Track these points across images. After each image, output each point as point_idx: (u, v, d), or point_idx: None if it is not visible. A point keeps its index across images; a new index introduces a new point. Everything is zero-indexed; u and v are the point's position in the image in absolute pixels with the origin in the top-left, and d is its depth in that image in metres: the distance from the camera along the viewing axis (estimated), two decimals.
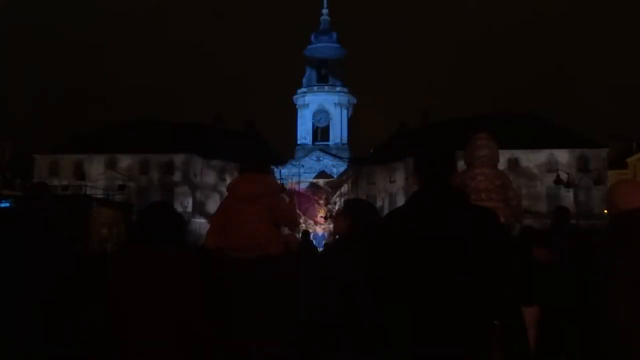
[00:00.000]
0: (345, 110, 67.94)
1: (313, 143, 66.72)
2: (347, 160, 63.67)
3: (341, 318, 3.59)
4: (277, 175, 48.31)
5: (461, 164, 3.39)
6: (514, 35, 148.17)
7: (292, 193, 5.02)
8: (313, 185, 60.23)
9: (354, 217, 3.75)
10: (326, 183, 61.16)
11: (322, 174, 63.03)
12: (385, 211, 3.70)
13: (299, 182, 57.53)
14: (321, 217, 54.26)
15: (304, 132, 67.74)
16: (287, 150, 68.18)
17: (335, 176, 61.77)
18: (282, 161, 61.45)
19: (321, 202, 55.89)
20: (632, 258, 2.87)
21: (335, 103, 67.07)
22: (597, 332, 3.05)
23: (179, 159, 58.07)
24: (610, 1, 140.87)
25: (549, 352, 5.47)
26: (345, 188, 60.05)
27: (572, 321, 5.08)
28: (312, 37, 68.79)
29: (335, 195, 59.56)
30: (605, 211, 3.52)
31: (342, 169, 62.98)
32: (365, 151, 68.05)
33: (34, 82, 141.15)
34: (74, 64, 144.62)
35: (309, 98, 67.55)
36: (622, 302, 2.85)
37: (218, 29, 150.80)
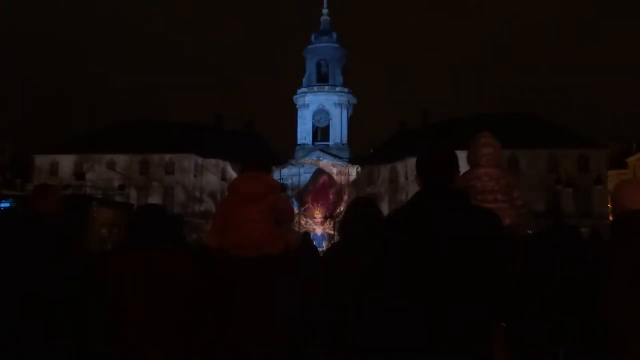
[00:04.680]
0: (345, 110, 67.82)
1: (313, 143, 66.60)
2: (347, 160, 63.62)
3: (340, 318, 3.58)
4: (277, 175, 48.17)
5: (463, 164, 3.38)
6: (513, 35, 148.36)
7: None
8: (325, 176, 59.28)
9: (357, 218, 3.75)
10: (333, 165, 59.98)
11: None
12: (386, 212, 3.69)
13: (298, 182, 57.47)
14: (318, 217, 54.05)
15: (304, 132, 67.62)
16: (287, 150, 68.13)
17: (335, 176, 61.34)
18: (282, 161, 61.36)
19: (330, 196, 55.42)
20: (631, 258, 2.87)
21: (335, 103, 66.96)
22: (595, 332, 3.05)
23: (179, 159, 58.08)
24: (610, 2, 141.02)
25: (548, 352, 5.46)
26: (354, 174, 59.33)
27: (571, 321, 5.08)
28: (312, 37, 68.70)
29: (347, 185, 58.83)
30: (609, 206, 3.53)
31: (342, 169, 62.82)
32: (365, 151, 68.10)
33: (34, 82, 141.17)
34: (74, 64, 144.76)
35: (309, 98, 67.44)
36: (620, 302, 2.84)
37: (218, 28, 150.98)
